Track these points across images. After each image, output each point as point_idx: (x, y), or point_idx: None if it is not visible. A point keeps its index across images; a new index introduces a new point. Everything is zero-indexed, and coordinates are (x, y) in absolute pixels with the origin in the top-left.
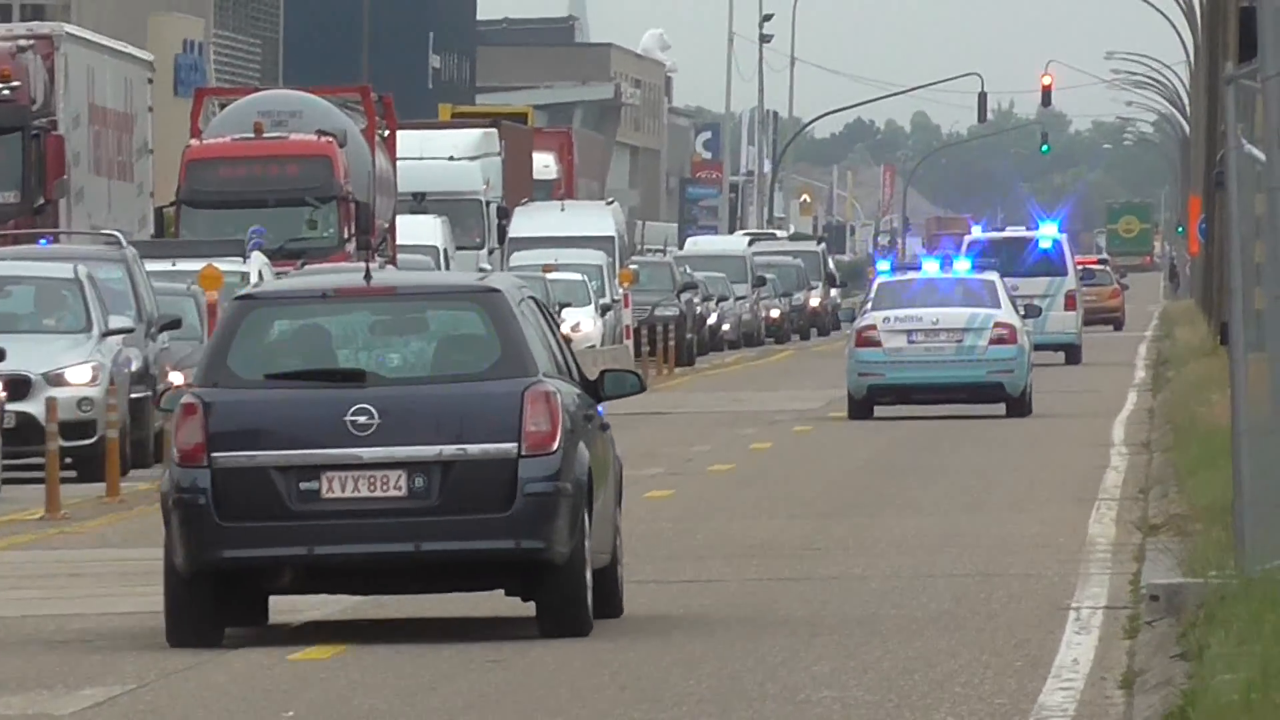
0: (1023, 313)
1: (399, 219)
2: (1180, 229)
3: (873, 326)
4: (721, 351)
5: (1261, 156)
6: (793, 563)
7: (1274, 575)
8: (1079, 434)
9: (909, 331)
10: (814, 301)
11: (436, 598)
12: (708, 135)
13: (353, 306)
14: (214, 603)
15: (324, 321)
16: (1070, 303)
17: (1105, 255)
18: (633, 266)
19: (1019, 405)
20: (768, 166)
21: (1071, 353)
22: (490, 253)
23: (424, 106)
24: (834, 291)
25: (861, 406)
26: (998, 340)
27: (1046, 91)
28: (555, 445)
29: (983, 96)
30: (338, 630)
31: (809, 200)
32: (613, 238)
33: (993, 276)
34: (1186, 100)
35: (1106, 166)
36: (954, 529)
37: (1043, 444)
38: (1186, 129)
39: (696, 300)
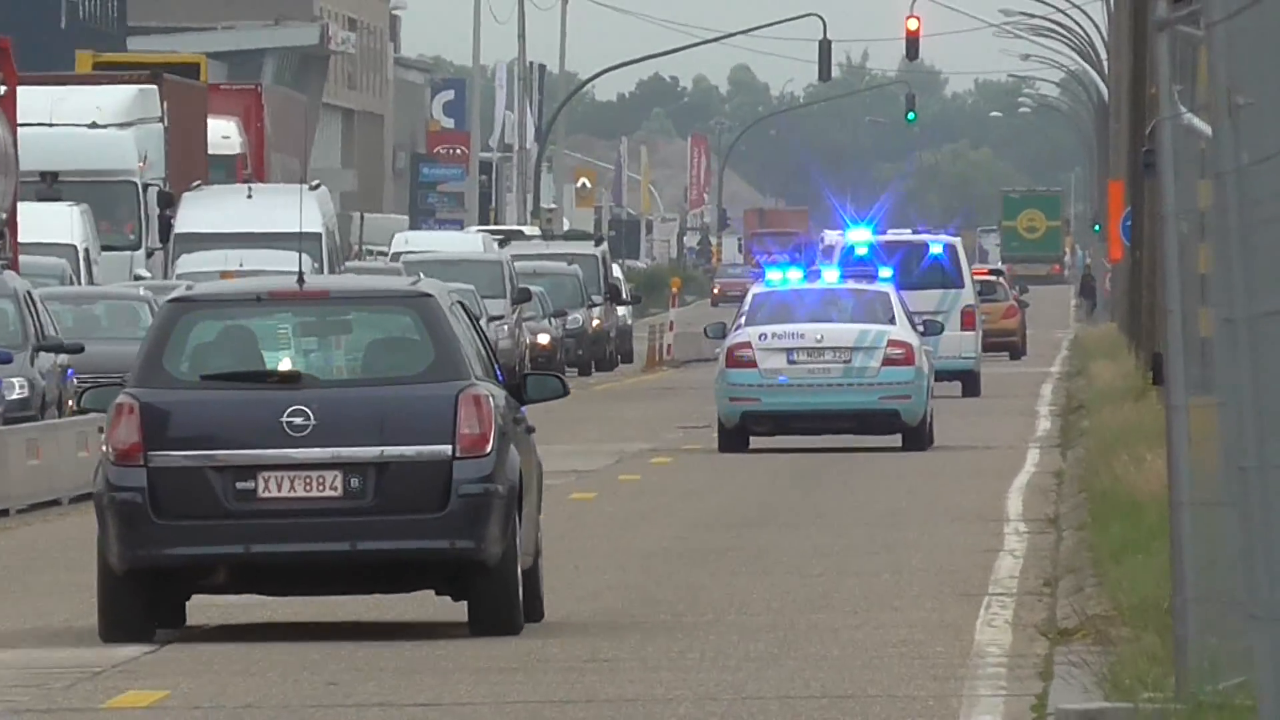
0: (921, 329)
1: (21, 207)
2: (1097, 226)
3: (747, 344)
4: None
5: (1206, 129)
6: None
7: (1228, 699)
8: (963, 504)
9: (789, 350)
10: (595, 323)
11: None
12: (449, 96)
13: (287, 309)
14: (147, 601)
15: (258, 324)
16: (968, 320)
17: (1000, 265)
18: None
19: (916, 436)
20: (532, 139)
21: (970, 381)
22: (149, 254)
23: (57, 53)
24: (621, 310)
25: (734, 436)
26: (892, 361)
27: (913, 40)
28: (489, 448)
29: (825, 45)
30: (248, 630)
31: (589, 186)
32: (319, 234)
33: (887, 288)
34: (1103, 53)
35: (997, 142)
36: (795, 633)
37: (917, 517)
38: (1104, 92)
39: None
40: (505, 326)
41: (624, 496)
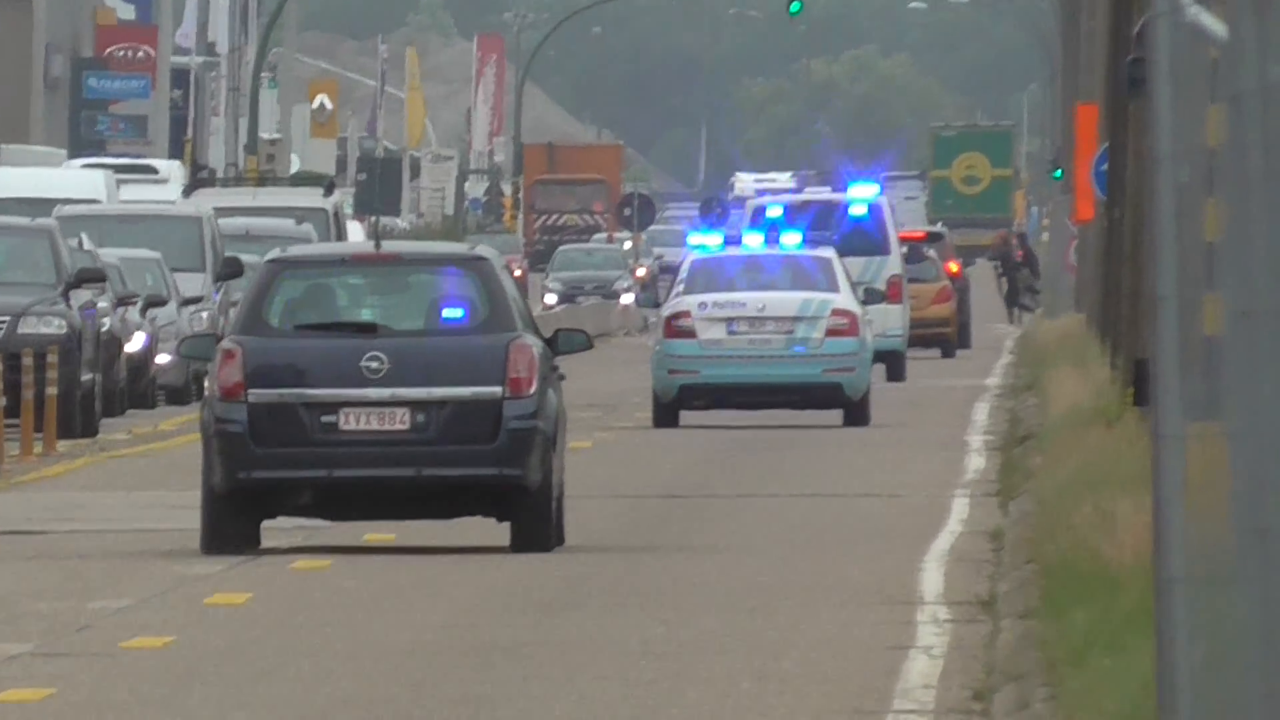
0: (862, 298)
1: None
2: (1058, 172)
3: (685, 313)
4: (151, 408)
5: (1220, 30)
6: None
7: None
8: (858, 579)
9: (729, 320)
10: None
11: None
12: None
13: (366, 270)
14: (245, 517)
15: (343, 282)
16: (894, 292)
17: (938, 227)
18: None
19: (859, 412)
20: (249, 37)
21: (894, 364)
22: None
23: None
24: None
25: (669, 411)
26: (836, 331)
27: None
28: (533, 389)
29: None
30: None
31: (329, 107)
32: None
33: (829, 253)
34: None
35: (917, 46)
36: None
37: (792, 597)
38: None
39: (102, 303)
40: (205, 313)
41: (371, 566)
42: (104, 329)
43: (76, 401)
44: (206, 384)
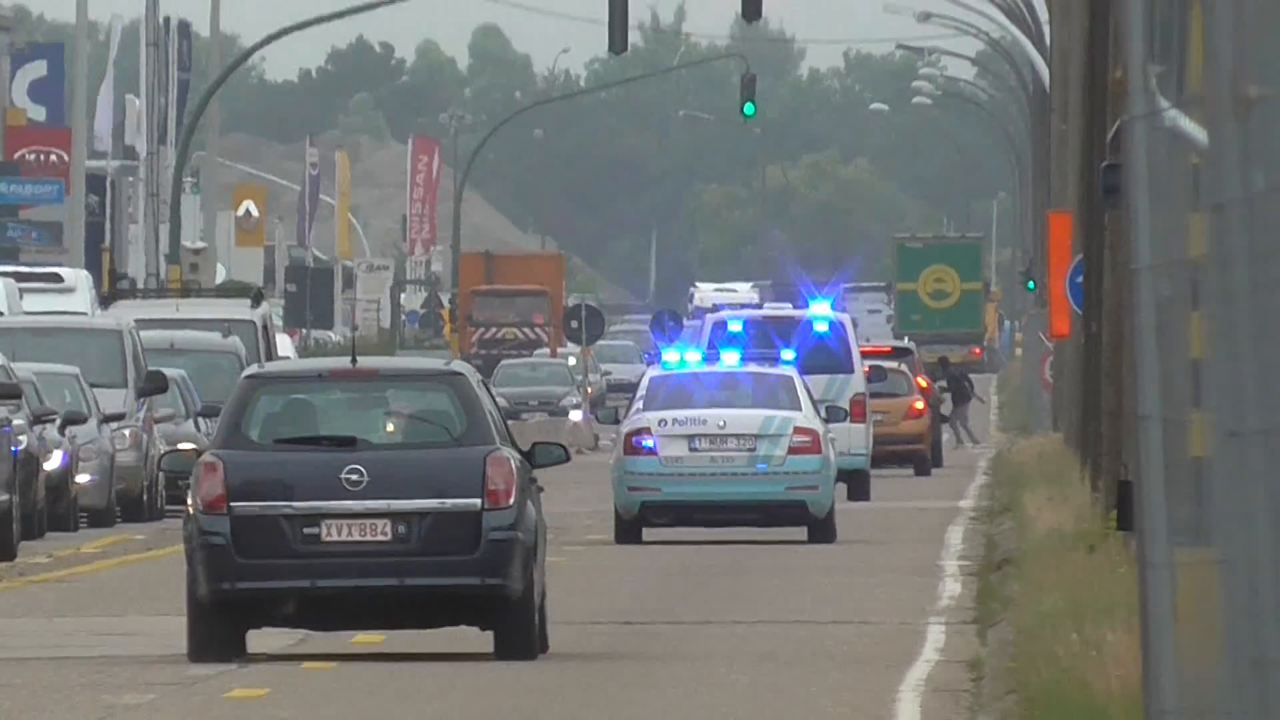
0: (824, 416)
1: None
2: (1031, 284)
3: (646, 430)
4: (72, 530)
5: (1200, 136)
6: None
7: None
8: (827, 713)
9: (690, 437)
10: None
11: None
12: (40, 71)
13: (343, 385)
14: (229, 626)
15: (320, 397)
16: (857, 411)
17: (906, 341)
18: None
19: (823, 529)
20: (170, 140)
21: (858, 484)
22: None
23: None
24: None
25: (631, 528)
26: (798, 449)
27: None
28: (511, 500)
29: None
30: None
31: (254, 214)
32: None
33: (790, 371)
34: (1044, 13)
35: (879, 150)
36: None
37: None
38: (1043, 74)
39: (17, 420)
40: (127, 431)
41: (310, 694)
42: (20, 447)
43: None
44: (188, 498)
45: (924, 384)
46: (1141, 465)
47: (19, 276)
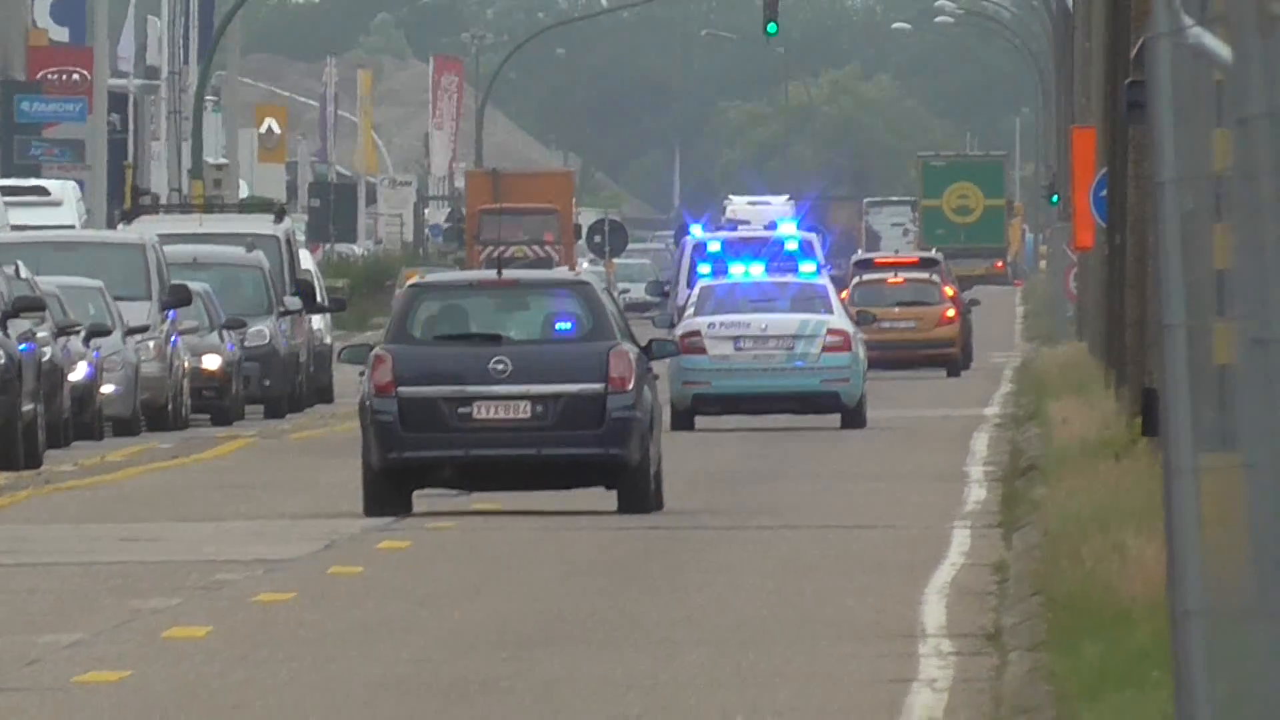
0: (856, 319)
1: None
2: (1055, 198)
3: (697, 332)
4: (97, 440)
5: (1224, 52)
6: None
7: None
8: (856, 613)
9: (735, 338)
10: (285, 336)
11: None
12: None
13: (490, 292)
14: (397, 489)
15: (471, 302)
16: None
17: (933, 253)
18: None
19: (855, 416)
20: (191, 59)
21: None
22: None
23: None
24: (316, 322)
25: (685, 417)
26: (831, 348)
27: None
28: (630, 386)
29: None
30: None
31: (277, 131)
32: None
33: (823, 279)
34: None
35: (902, 68)
36: None
37: (785, 631)
38: None
39: (42, 333)
40: (151, 343)
41: (337, 599)
42: (45, 359)
43: (18, 433)
44: (362, 384)
45: (951, 292)
46: (1166, 373)
47: (4, 190)
